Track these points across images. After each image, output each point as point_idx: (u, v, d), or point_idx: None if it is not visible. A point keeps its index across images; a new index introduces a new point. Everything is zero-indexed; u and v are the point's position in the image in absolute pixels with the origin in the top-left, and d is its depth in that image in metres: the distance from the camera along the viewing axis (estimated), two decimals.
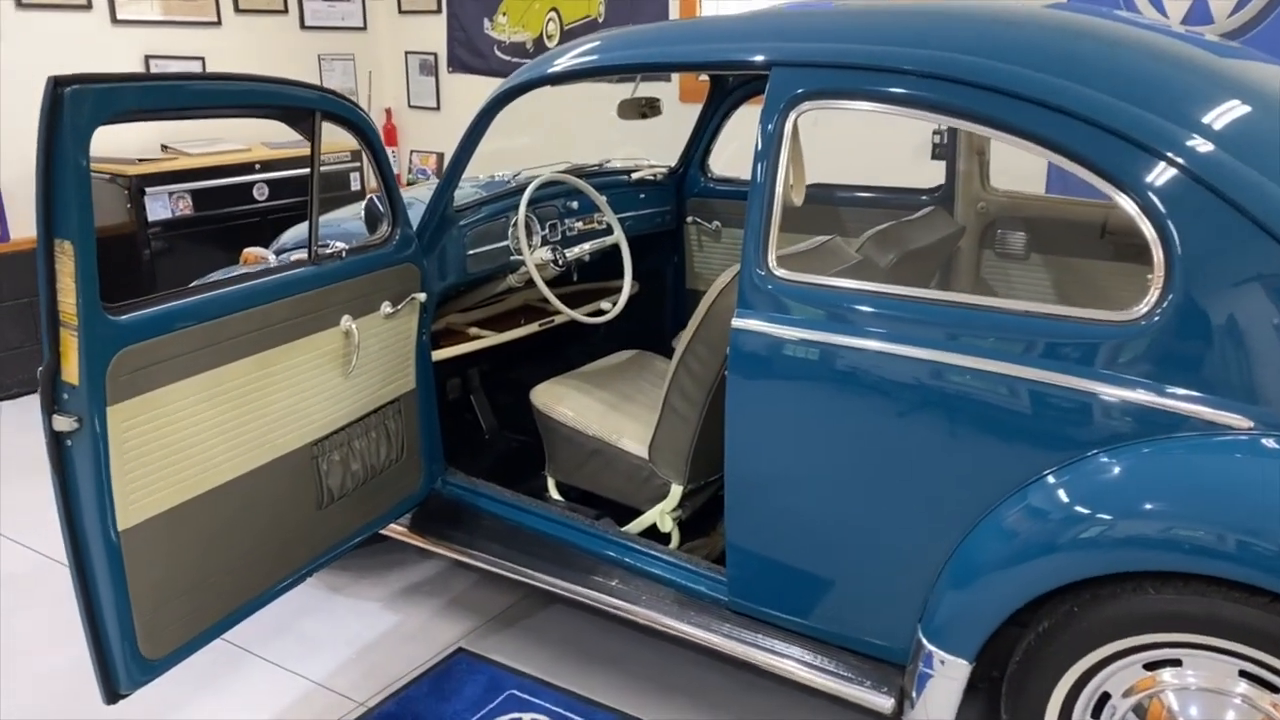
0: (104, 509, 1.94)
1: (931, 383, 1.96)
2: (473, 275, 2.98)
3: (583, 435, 2.76)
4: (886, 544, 2.10)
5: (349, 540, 2.61)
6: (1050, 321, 1.88)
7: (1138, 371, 1.81)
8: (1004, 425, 1.91)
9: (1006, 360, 1.89)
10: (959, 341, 1.94)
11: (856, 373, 2.03)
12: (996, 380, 1.90)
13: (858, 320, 2.04)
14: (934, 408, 1.96)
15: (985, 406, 1.92)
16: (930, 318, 1.97)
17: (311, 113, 2.29)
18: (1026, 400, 1.88)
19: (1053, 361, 1.86)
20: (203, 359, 2.09)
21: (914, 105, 1.98)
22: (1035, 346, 1.88)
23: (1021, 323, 1.90)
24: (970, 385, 1.92)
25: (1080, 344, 1.85)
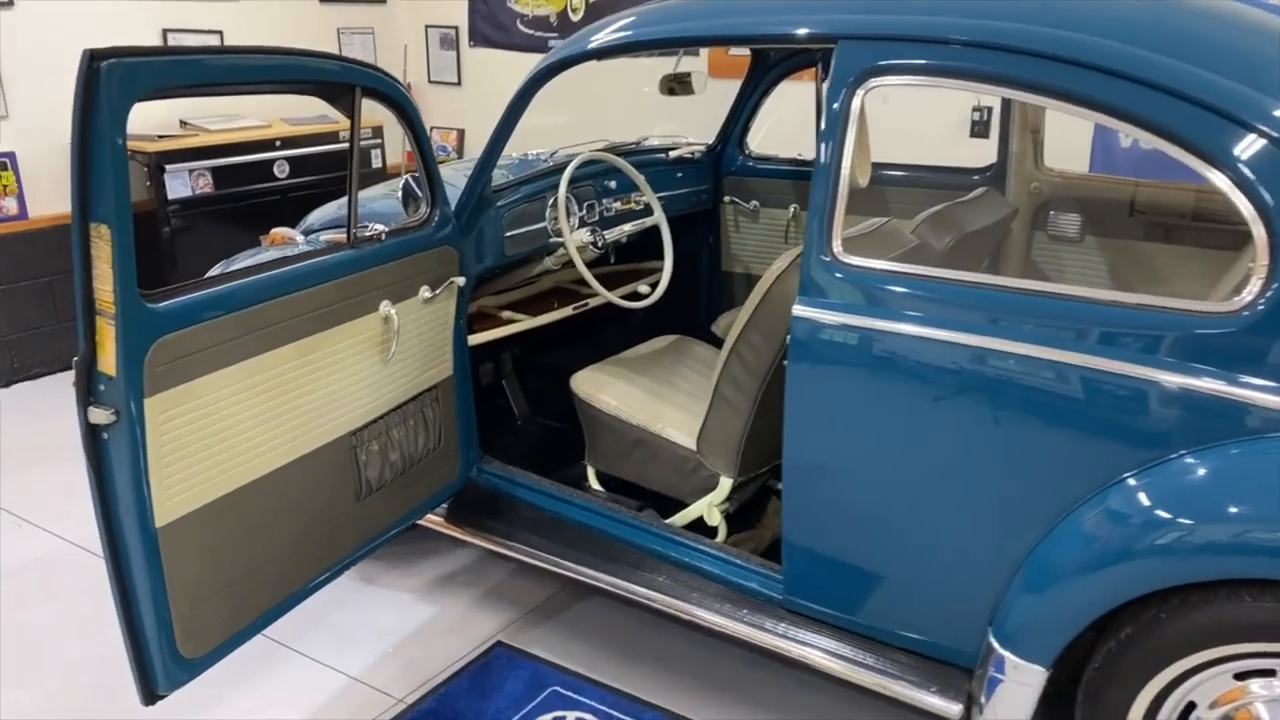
0: (141, 504, 1.85)
1: (1009, 376, 1.86)
2: (510, 258, 2.88)
3: (626, 424, 2.67)
4: (956, 543, 2.00)
5: (387, 532, 2.53)
6: (1140, 312, 1.77)
7: (1232, 366, 1.70)
8: (1087, 422, 1.81)
9: (1091, 353, 1.79)
10: (1038, 333, 1.84)
11: (929, 364, 1.93)
12: (1080, 374, 1.80)
13: (930, 309, 1.94)
14: (1011, 403, 1.86)
15: (1067, 402, 1.82)
16: (1009, 308, 1.87)
17: (351, 89, 2.18)
18: (1112, 396, 1.78)
19: (1141, 355, 1.76)
20: (242, 347, 2.00)
21: (993, 82, 1.87)
22: (1122, 339, 1.78)
23: (1108, 313, 1.80)
24: (1051, 379, 1.82)
25: (1171, 336, 1.74)
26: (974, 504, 1.95)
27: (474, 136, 6.09)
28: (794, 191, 3.56)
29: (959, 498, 1.97)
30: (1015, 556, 1.94)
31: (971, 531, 1.98)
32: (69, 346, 4.81)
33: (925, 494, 2.00)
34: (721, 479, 2.51)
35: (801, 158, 3.57)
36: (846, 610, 2.20)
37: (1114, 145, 4.33)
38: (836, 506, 2.13)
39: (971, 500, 1.96)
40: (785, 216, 3.58)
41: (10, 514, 3.45)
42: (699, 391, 2.81)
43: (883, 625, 2.16)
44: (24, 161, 4.54)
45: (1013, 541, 1.93)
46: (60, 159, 4.65)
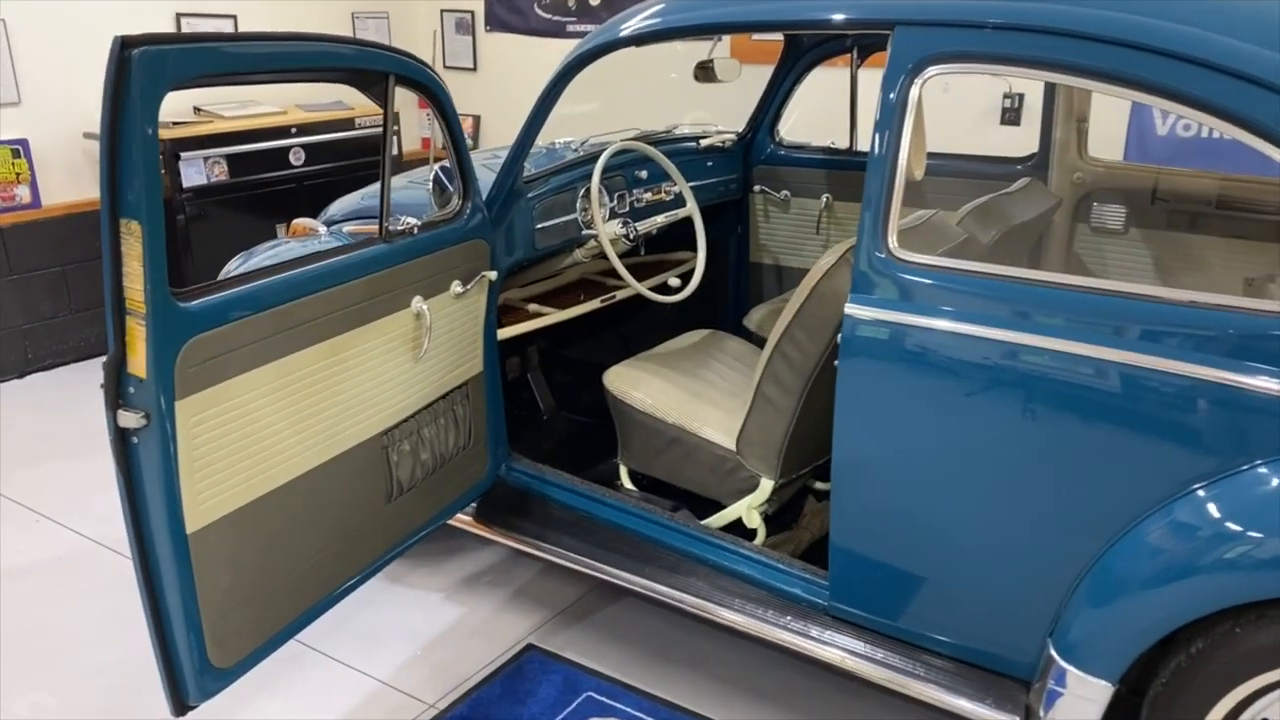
0: (172, 511, 1.78)
1: (1076, 380, 1.78)
2: (541, 251, 2.80)
3: (661, 423, 2.59)
4: (1015, 551, 1.93)
5: (417, 533, 2.46)
6: (1219, 313, 1.69)
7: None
8: (1159, 429, 1.73)
9: (1166, 356, 1.71)
10: (1108, 334, 1.76)
11: (990, 366, 1.85)
12: (1152, 379, 1.72)
13: (993, 309, 1.86)
14: (1078, 407, 1.79)
15: (1138, 408, 1.74)
16: (1078, 308, 1.79)
17: (385, 76, 2.10)
18: (1185, 402, 1.70)
19: (1219, 358, 1.68)
20: (274, 346, 1.92)
21: (1064, 71, 1.78)
22: (1199, 341, 1.69)
23: (1184, 314, 1.71)
24: (1121, 384, 1.74)
25: (1251, 339, 1.66)
26: (1035, 511, 1.88)
27: (490, 123, 6.00)
28: (826, 181, 3.47)
29: (1020, 505, 1.89)
30: (1078, 566, 1.86)
31: (1032, 540, 1.90)
32: (83, 337, 4.75)
33: (984, 500, 1.93)
34: (762, 481, 2.43)
35: (835, 146, 3.48)
36: (895, 617, 2.13)
37: (1149, 132, 4.23)
38: (888, 511, 2.06)
39: (1033, 507, 1.88)
40: (817, 206, 3.49)
41: (27, 509, 3.39)
42: (735, 389, 2.74)
43: (934, 634, 2.09)
44: (37, 148, 4.46)
45: (1075, 551, 1.86)
46: (74, 146, 4.58)
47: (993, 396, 1.86)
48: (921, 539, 2.03)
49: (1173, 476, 1.74)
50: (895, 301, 1.95)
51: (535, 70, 5.79)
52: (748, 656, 2.61)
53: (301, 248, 3.03)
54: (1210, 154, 4.12)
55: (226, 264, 3.17)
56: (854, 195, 3.44)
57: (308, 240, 3.10)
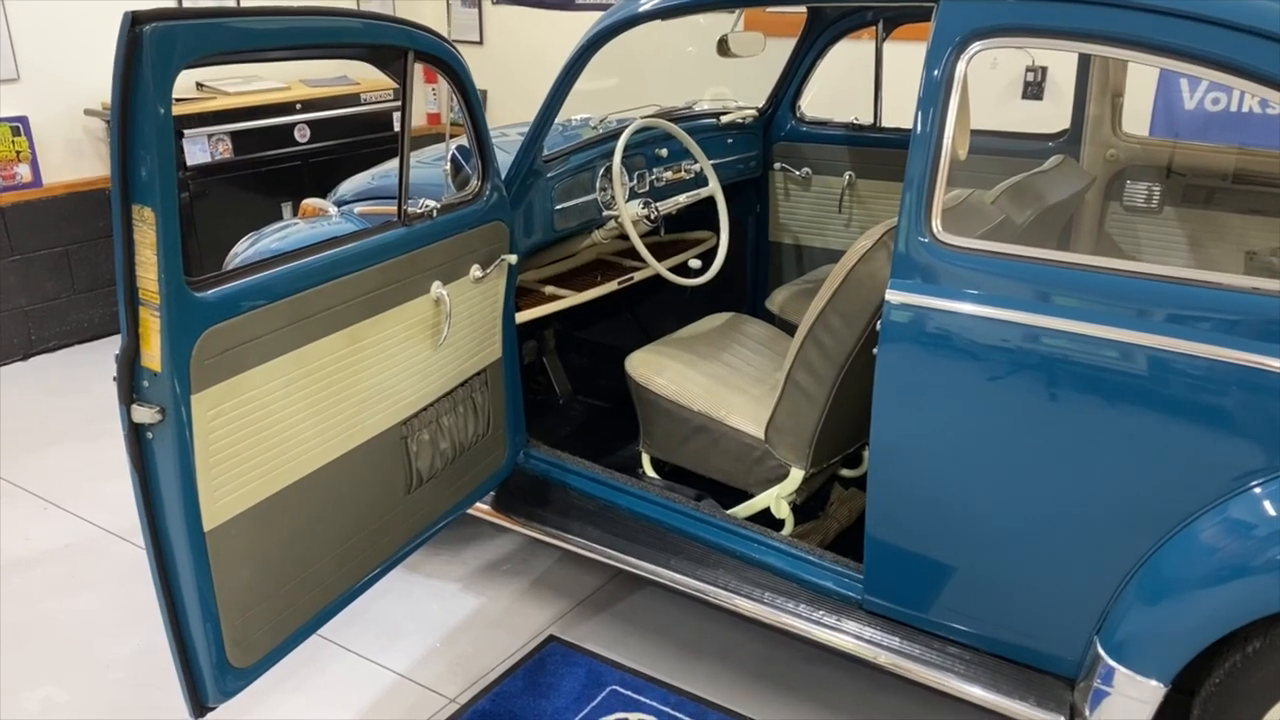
0: (189, 508, 1.71)
1: (1131, 369, 1.70)
2: (560, 233, 2.72)
3: (686, 410, 2.52)
4: (1061, 546, 1.86)
5: (437, 524, 2.40)
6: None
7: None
8: (1220, 422, 1.66)
9: (1230, 346, 1.63)
10: (1168, 323, 1.68)
11: (1041, 355, 1.77)
12: (1212, 370, 1.64)
13: (1044, 295, 1.78)
14: (1134, 398, 1.71)
15: (1197, 400, 1.66)
16: (1135, 295, 1.71)
17: (404, 52, 2.01)
18: (1247, 394, 1.63)
19: None
20: (293, 336, 1.85)
21: (1131, 46, 1.68)
22: (1259, 329, 1.62)
23: (1247, 301, 1.64)
24: (1179, 374, 1.67)
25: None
26: (1085, 505, 1.81)
27: (497, 98, 5.89)
28: (849, 158, 3.38)
29: (1068, 498, 1.82)
30: (1128, 562, 1.80)
31: (1080, 534, 1.83)
32: (87, 318, 4.67)
33: (1030, 493, 1.86)
34: (792, 470, 2.36)
35: (858, 122, 3.38)
36: (933, 612, 2.07)
37: (1177, 106, 4.13)
38: (927, 502, 1.99)
39: (1082, 501, 1.81)
40: (839, 184, 3.40)
41: (35, 495, 3.33)
42: (761, 374, 2.66)
43: (973, 629, 2.03)
44: (37, 126, 4.36)
45: (1126, 546, 1.79)
46: (75, 123, 4.48)
47: (1041, 387, 1.78)
48: (962, 531, 1.97)
49: (1230, 472, 1.67)
50: (939, 287, 1.87)
51: (543, 44, 5.68)
52: (777, 649, 2.55)
53: (311, 229, 2.95)
54: (1239, 127, 4.03)
55: (234, 246, 3.08)
56: (878, 173, 3.35)
57: (317, 221, 3.01)
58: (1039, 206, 2.47)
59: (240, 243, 3.07)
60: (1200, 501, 1.70)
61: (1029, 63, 4.35)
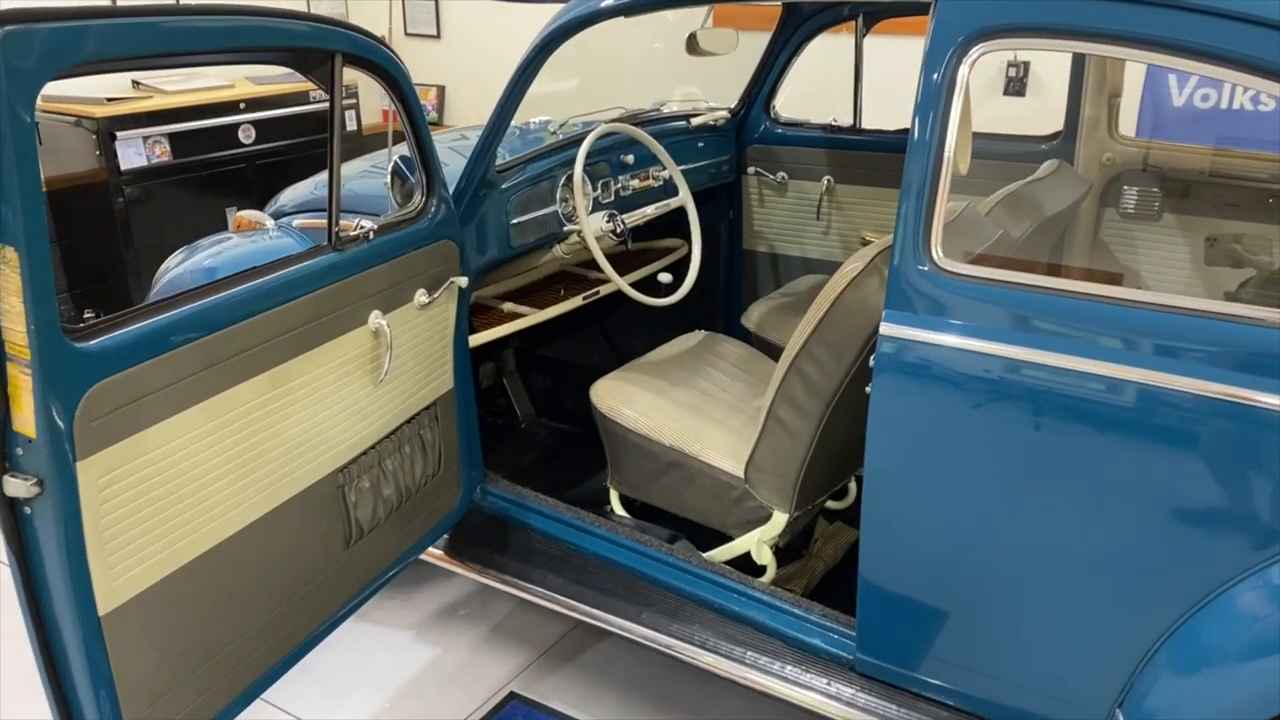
0: (79, 590, 1.47)
1: (1167, 417, 1.50)
2: (517, 249, 2.48)
3: (657, 445, 2.29)
4: (1081, 607, 1.66)
5: (381, 578, 2.16)
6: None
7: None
8: (1270, 478, 1.46)
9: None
10: (1213, 365, 1.47)
11: (1060, 398, 1.57)
12: (1262, 417, 1.44)
13: (1066, 332, 1.56)
14: (1167, 448, 1.51)
15: (1246, 452, 1.46)
16: (1173, 332, 1.50)
17: (330, 56, 1.76)
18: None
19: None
20: (202, 384, 1.60)
21: (1158, 49, 1.47)
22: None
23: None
24: (1226, 423, 1.46)
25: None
26: (1110, 564, 1.60)
27: (455, 94, 5.62)
28: (827, 162, 3.16)
29: (1091, 556, 1.62)
30: (1159, 626, 1.60)
31: (1103, 595, 1.63)
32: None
33: (1047, 546, 1.65)
34: (775, 514, 2.15)
35: (836, 124, 3.17)
36: (934, 675, 1.86)
37: (1165, 103, 3.95)
38: (928, 555, 1.78)
39: (1107, 560, 1.61)
40: (817, 190, 3.19)
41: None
42: (737, 402, 2.44)
43: (979, 695, 1.82)
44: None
45: (1156, 610, 1.59)
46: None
47: (1061, 433, 1.57)
48: (969, 587, 1.76)
49: (1271, 534, 1.47)
50: (940, 320, 1.65)
51: (506, 38, 5.40)
52: (756, 705, 2.34)
53: (250, 244, 2.71)
54: (1229, 124, 3.87)
55: (164, 261, 2.83)
56: (857, 177, 3.14)
57: (254, 235, 2.76)
58: (1037, 218, 2.27)
59: (171, 258, 2.81)
60: (1246, 562, 1.50)
61: (1010, 57, 4.17)
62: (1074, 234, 2.82)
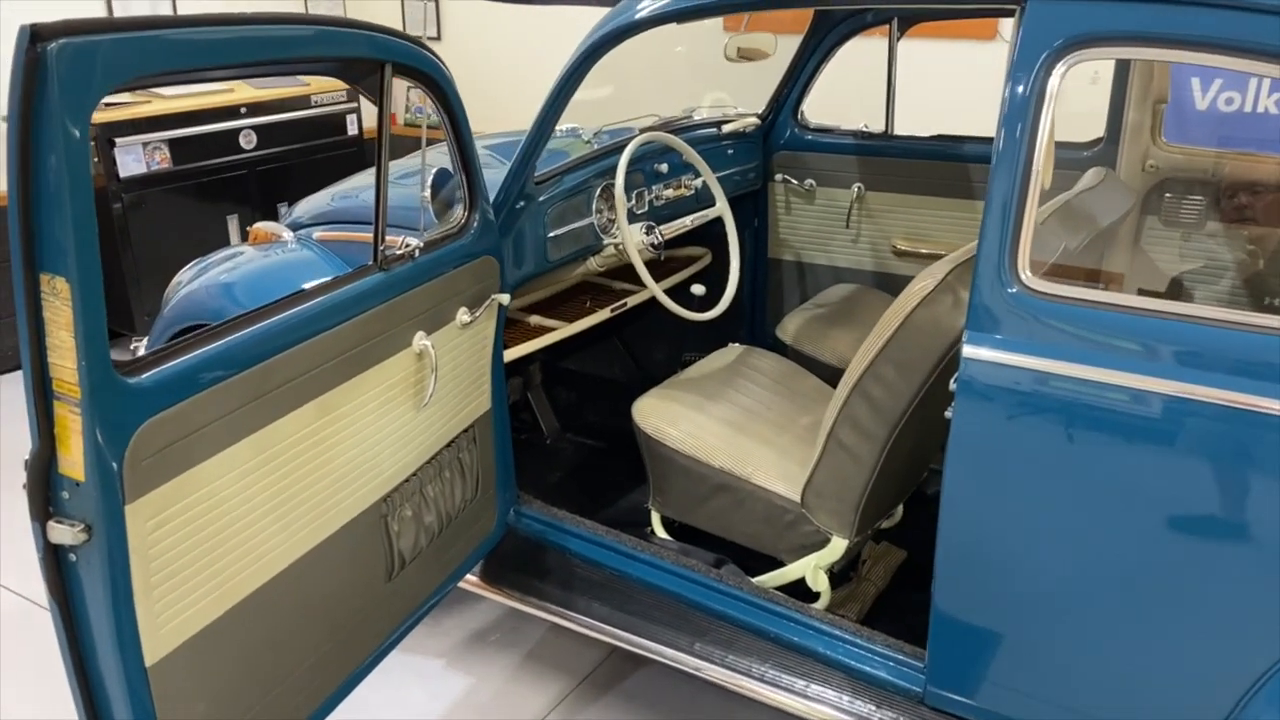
0: (126, 642, 1.37)
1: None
2: (554, 263, 2.39)
3: (706, 467, 2.21)
4: (1177, 641, 1.59)
5: (423, 608, 2.07)
6: None
7: None
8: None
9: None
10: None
11: (1165, 427, 1.49)
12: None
13: (1172, 356, 1.49)
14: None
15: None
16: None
17: (380, 65, 1.67)
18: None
19: None
20: (253, 415, 1.51)
21: (1259, 57, 1.40)
22: None
23: None
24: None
25: None
26: (1212, 597, 1.53)
27: None
28: (858, 169, 3.08)
29: (1191, 588, 1.54)
30: (1259, 664, 1.53)
31: (1203, 629, 1.56)
32: (6, 346, 4.23)
33: (1141, 580, 1.58)
34: (834, 539, 2.06)
35: (868, 130, 3.09)
36: (1011, 710, 1.78)
37: (1188, 107, 3.89)
38: (1013, 586, 1.70)
39: (1209, 592, 1.53)
40: (848, 197, 3.11)
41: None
42: (782, 420, 2.36)
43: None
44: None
45: (1261, 645, 1.52)
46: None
47: (1167, 463, 1.50)
48: (1056, 620, 1.68)
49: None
50: (1030, 344, 1.57)
51: (508, 40, 5.31)
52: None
53: (265, 258, 2.60)
54: (1254, 127, 3.82)
55: (176, 275, 2.72)
56: (890, 185, 3.06)
57: (270, 249, 2.65)
58: (1091, 230, 2.21)
59: (183, 271, 2.71)
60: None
61: None
62: (1115, 244, 2.75)
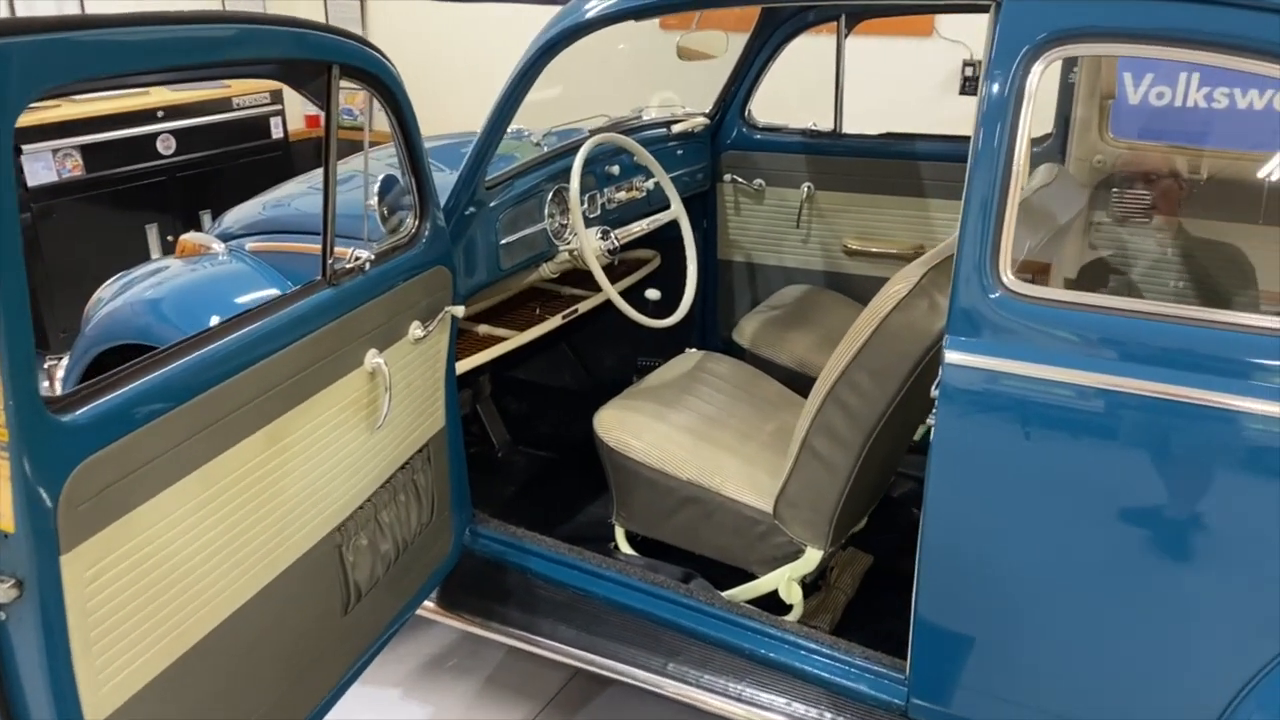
0: (65, 705, 1.24)
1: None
2: (506, 271, 2.30)
3: (673, 479, 2.13)
4: (1165, 647, 1.56)
5: (380, 641, 1.96)
6: None
7: None
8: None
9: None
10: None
11: (1154, 430, 1.46)
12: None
13: (1162, 358, 1.46)
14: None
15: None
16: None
17: (326, 67, 1.55)
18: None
19: None
20: (198, 449, 1.39)
21: (1248, 54, 1.38)
22: None
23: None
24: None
25: None
26: (1201, 602, 1.51)
27: None
28: (807, 168, 3.04)
29: (1184, 591, 1.52)
30: (1252, 667, 1.51)
31: (1191, 635, 1.53)
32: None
33: (1134, 584, 1.55)
34: (808, 550, 2.01)
35: (816, 128, 3.05)
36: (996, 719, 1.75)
37: (1121, 102, 3.95)
38: (998, 597, 1.66)
39: (1199, 598, 1.51)
40: (797, 197, 3.06)
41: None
42: (747, 428, 2.30)
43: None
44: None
45: (1248, 653, 1.50)
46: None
47: (1158, 467, 1.47)
48: (1043, 629, 1.65)
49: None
50: (1013, 348, 1.53)
51: (437, 38, 5.18)
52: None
53: (192, 271, 2.46)
54: (1184, 122, 3.88)
55: (97, 291, 2.55)
56: (840, 184, 3.03)
57: (199, 262, 2.51)
58: (1051, 227, 2.19)
59: (104, 287, 2.55)
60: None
61: (967, 55, 4.13)
62: (1073, 241, 2.76)
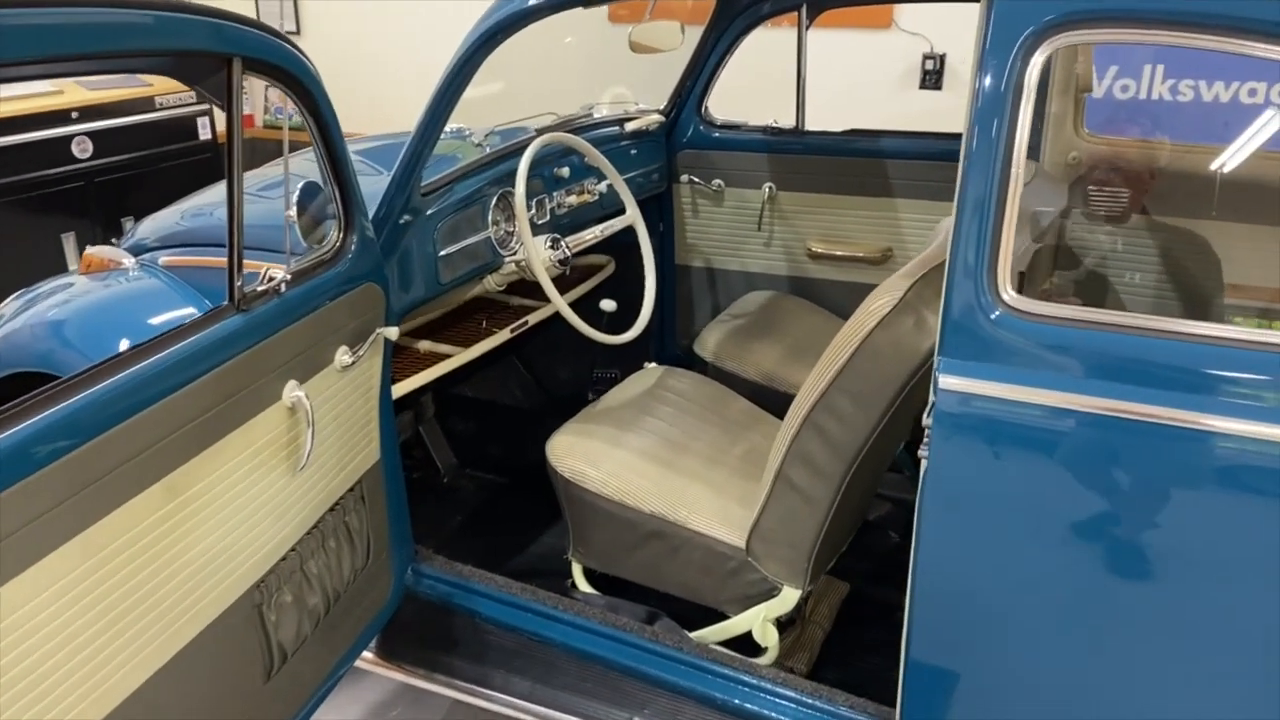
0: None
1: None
2: (446, 286, 2.09)
3: (634, 512, 1.95)
4: (1186, 700, 1.41)
5: (311, 704, 1.75)
6: None
7: None
8: None
9: None
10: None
11: (1177, 460, 1.31)
12: None
13: (1181, 381, 1.31)
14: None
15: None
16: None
17: (227, 61, 1.34)
18: None
19: None
20: (81, 510, 1.18)
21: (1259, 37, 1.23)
22: None
23: None
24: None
25: None
26: (1230, 650, 1.36)
27: None
28: (769, 168, 2.87)
29: (1204, 643, 1.37)
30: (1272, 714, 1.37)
31: (1214, 686, 1.39)
32: None
33: (1157, 634, 1.40)
34: (785, 589, 1.83)
35: (778, 125, 2.88)
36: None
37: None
38: (1000, 643, 1.50)
39: (1216, 644, 1.36)
40: (759, 198, 2.89)
41: None
42: (714, 452, 2.12)
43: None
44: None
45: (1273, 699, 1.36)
46: None
47: (1183, 501, 1.32)
48: (1045, 676, 1.49)
49: None
50: (1014, 371, 1.37)
51: (373, 34, 4.95)
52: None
53: (101, 287, 2.24)
54: (1148, 114, 3.81)
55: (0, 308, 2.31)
56: (802, 184, 2.86)
57: (108, 277, 2.28)
58: (1036, 230, 2.04)
59: (6, 303, 2.31)
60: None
61: (927, 49, 4.00)
62: (1060, 245, 2.62)
